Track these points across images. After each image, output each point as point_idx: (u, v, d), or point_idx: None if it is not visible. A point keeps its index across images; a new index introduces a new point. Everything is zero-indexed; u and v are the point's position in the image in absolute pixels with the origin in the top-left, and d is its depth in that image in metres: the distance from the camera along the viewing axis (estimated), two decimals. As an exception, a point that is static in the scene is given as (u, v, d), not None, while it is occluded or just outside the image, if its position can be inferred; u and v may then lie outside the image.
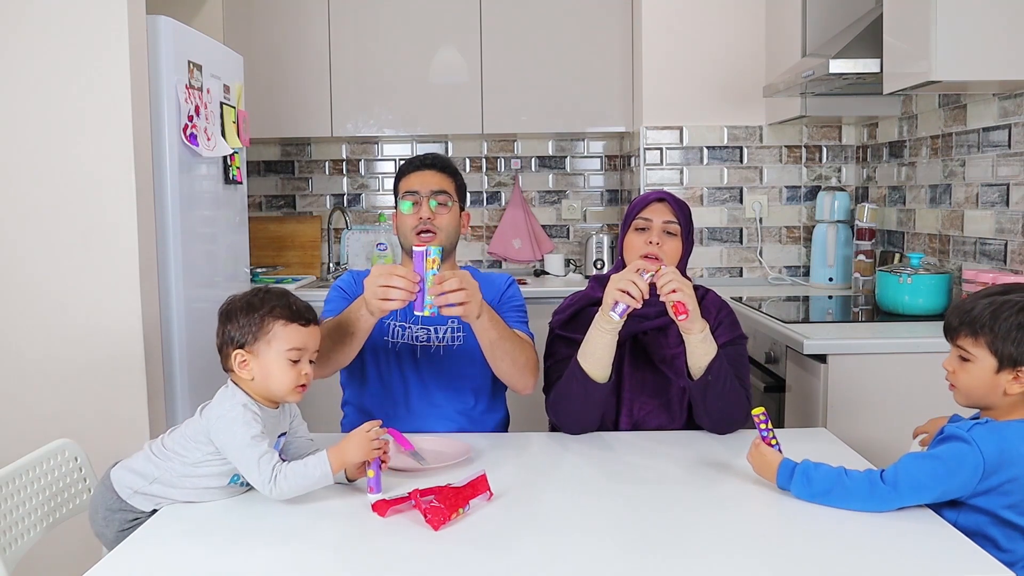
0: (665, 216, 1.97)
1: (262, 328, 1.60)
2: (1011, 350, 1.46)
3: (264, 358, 1.59)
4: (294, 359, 1.60)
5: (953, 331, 1.54)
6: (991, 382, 1.48)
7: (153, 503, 1.59)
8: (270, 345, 1.59)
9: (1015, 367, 1.46)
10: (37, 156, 2.43)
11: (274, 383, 1.60)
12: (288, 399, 1.64)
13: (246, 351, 1.60)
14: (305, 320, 1.63)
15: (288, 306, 1.63)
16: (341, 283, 2.14)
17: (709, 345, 1.85)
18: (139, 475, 1.60)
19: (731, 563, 1.32)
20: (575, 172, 4.36)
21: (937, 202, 2.98)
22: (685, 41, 3.68)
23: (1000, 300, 1.49)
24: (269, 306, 1.61)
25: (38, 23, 2.41)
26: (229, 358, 1.62)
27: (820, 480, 1.48)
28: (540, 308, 2.19)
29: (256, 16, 3.91)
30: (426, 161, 2.11)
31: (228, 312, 1.63)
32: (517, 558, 1.34)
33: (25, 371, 2.47)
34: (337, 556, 1.36)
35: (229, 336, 1.61)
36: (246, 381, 1.61)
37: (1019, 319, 1.46)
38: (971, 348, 1.50)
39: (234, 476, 1.60)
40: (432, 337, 2.05)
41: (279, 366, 1.59)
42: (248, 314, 1.61)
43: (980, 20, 2.32)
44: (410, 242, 2.03)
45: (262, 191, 4.35)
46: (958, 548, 1.35)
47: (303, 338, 1.62)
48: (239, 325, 1.60)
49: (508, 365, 1.93)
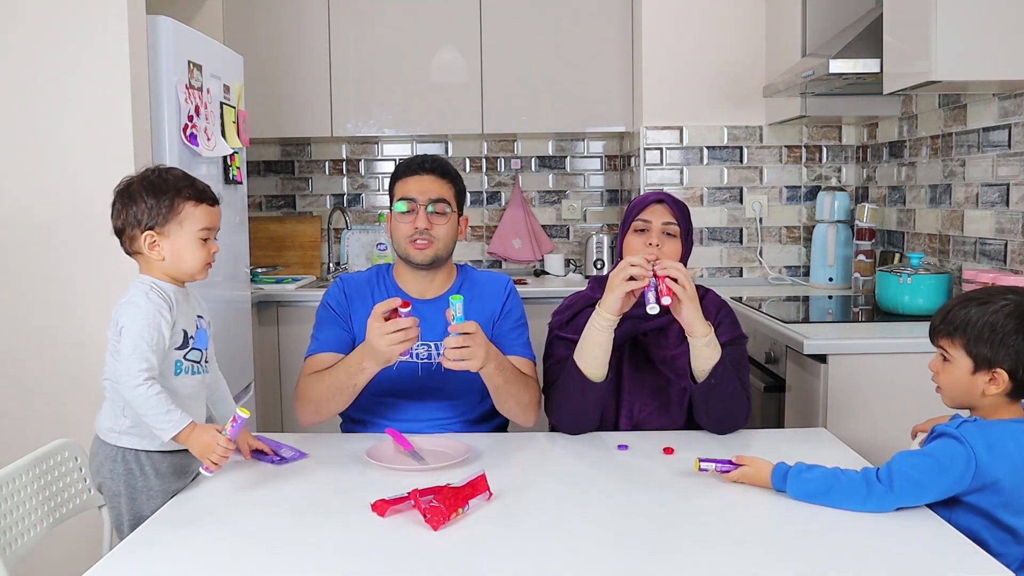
0: (664, 217, 1.96)
1: (172, 209, 1.63)
2: (985, 352, 1.47)
3: (175, 238, 1.63)
4: (204, 238, 1.66)
5: (935, 332, 1.56)
6: (969, 383, 1.50)
7: (142, 436, 1.63)
8: (182, 226, 1.63)
9: (990, 368, 1.48)
10: (37, 156, 2.43)
11: (186, 262, 1.65)
12: (198, 277, 1.69)
13: (156, 232, 1.63)
14: (212, 200, 1.68)
15: (194, 186, 1.66)
16: (330, 300, 2.07)
17: (714, 349, 1.85)
18: (110, 416, 1.64)
19: (731, 563, 1.32)
20: (575, 172, 4.36)
21: (937, 202, 2.98)
22: (685, 41, 3.68)
23: (978, 303, 1.50)
24: (177, 187, 1.64)
25: (38, 23, 2.41)
26: (135, 240, 1.64)
27: (816, 480, 1.49)
28: (540, 308, 2.19)
29: (256, 16, 3.91)
30: (424, 165, 2.03)
31: (129, 193, 1.64)
32: (516, 558, 1.34)
33: (25, 371, 2.47)
34: (336, 556, 1.36)
35: (135, 218, 1.63)
36: (155, 262, 1.64)
37: (992, 320, 1.47)
38: (950, 349, 1.52)
39: (176, 364, 1.63)
40: (433, 354, 2.01)
41: (191, 246, 1.64)
42: (156, 196, 1.63)
43: (980, 20, 2.32)
44: (405, 250, 2.00)
45: (262, 191, 4.35)
46: (958, 548, 1.35)
47: (212, 217, 1.67)
48: (147, 206, 1.62)
49: (512, 405, 1.95)
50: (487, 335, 1.99)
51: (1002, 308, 1.48)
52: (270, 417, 3.61)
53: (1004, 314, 1.47)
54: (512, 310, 2.09)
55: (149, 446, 1.64)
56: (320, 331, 2.05)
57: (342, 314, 2.05)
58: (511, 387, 1.91)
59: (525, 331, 2.10)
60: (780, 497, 1.53)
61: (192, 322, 1.69)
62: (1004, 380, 1.47)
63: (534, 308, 2.25)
